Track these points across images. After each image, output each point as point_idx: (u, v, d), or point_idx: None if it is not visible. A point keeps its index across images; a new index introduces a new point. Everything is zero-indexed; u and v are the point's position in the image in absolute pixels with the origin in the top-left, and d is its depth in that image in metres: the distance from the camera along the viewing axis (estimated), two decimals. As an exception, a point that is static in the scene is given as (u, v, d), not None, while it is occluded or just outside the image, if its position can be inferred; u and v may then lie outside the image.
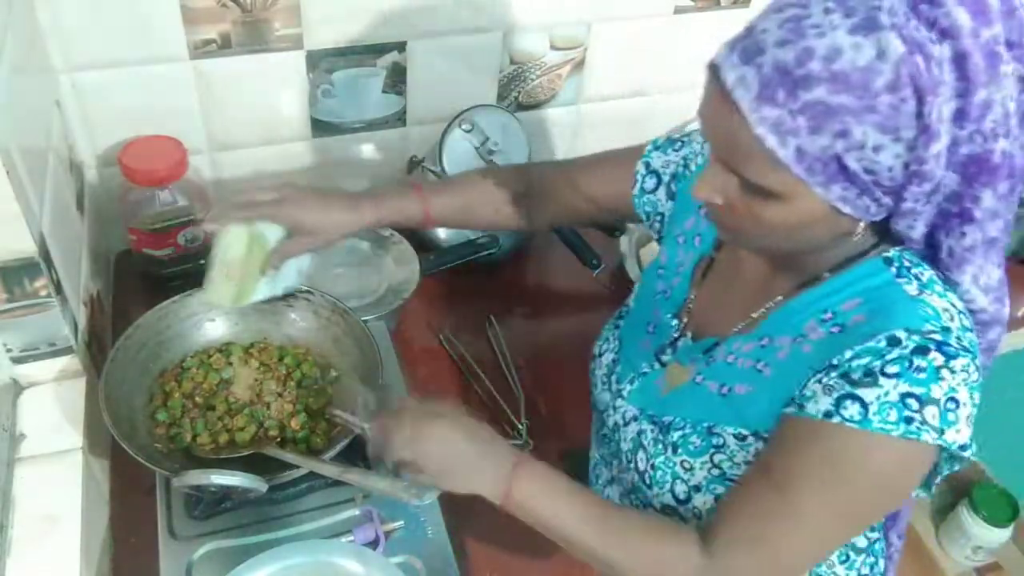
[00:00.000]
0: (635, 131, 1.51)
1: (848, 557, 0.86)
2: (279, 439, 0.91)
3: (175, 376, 0.97)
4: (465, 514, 0.98)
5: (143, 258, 1.25)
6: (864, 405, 0.67)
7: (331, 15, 1.21)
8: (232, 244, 0.89)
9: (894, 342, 0.68)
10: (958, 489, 1.60)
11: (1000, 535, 1.51)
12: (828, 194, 0.65)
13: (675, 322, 0.90)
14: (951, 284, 0.73)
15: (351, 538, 0.87)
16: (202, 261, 1.26)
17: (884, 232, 0.74)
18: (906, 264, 0.73)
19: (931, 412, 0.66)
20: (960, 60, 0.61)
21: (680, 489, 0.81)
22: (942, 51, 0.60)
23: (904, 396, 0.66)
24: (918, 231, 0.71)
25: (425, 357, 1.22)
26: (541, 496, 0.76)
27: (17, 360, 0.94)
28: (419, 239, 1.32)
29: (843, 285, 0.75)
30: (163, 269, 1.25)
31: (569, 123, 1.53)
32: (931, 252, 0.73)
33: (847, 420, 0.67)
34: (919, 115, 0.61)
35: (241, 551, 0.84)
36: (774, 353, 0.77)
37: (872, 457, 0.67)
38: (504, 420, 1.13)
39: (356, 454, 0.94)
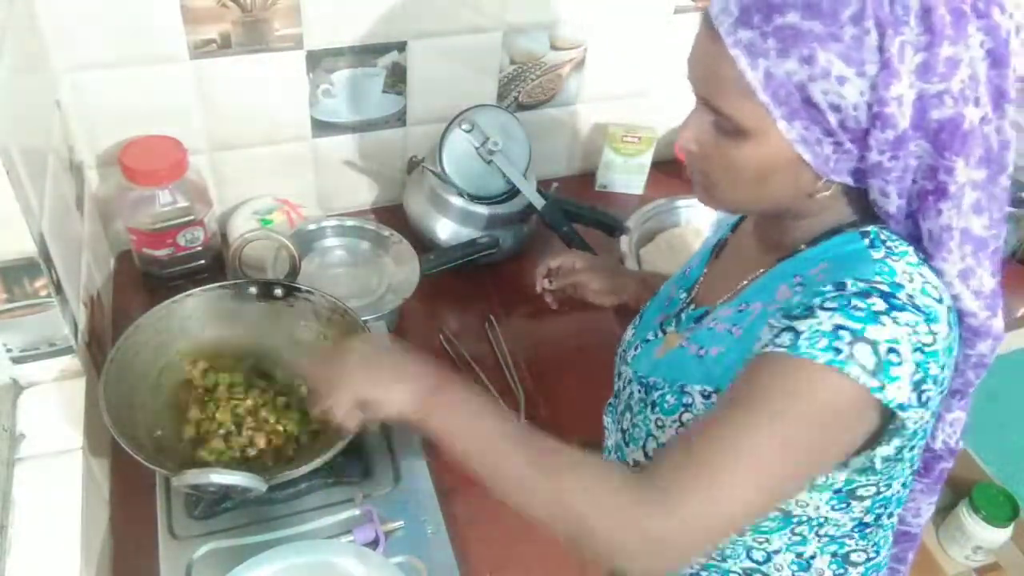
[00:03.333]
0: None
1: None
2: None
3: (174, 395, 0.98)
4: (466, 514, 0.98)
5: (143, 258, 1.25)
6: (797, 333, 0.67)
7: (331, 15, 1.21)
8: None
9: (839, 286, 0.68)
10: (958, 489, 1.60)
11: (1000, 535, 1.51)
12: (791, 131, 0.68)
13: (683, 295, 0.94)
14: (936, 274, 0.72)
15: (351, 538, 0.87)
16: (202, 261, 1.27)
17: (868, 215, 0.75)
18: (881, 238, 0.73)
19: (863, 350, 0.65)
20: (926, 12, 0.63)
21: (651, 446, 0.84)
22: (908, 0, 0.63)
23: (837, 327, 0.65)
24: (893, 203, 0.70)
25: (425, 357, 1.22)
26: (462, 404, 0.74)
27: (17, 360, 0.94)
28: (419, 239, 1.32)
29: (816, 254, 0.76)
30: (163, 269, 1.25)
31: (569, 123, 1.53)
32: (919, 245, 0.73)
33: (778, 347, 0.67)
34: (880, 50, 0.63)
35: (241, 551, 0.84)
36: (747, 317, 0.79)
37: (799, 382, 0.66)
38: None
39: (354, 463, 0.94)
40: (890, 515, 0.85)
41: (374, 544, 0.86)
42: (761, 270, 0.82)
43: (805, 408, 0.66)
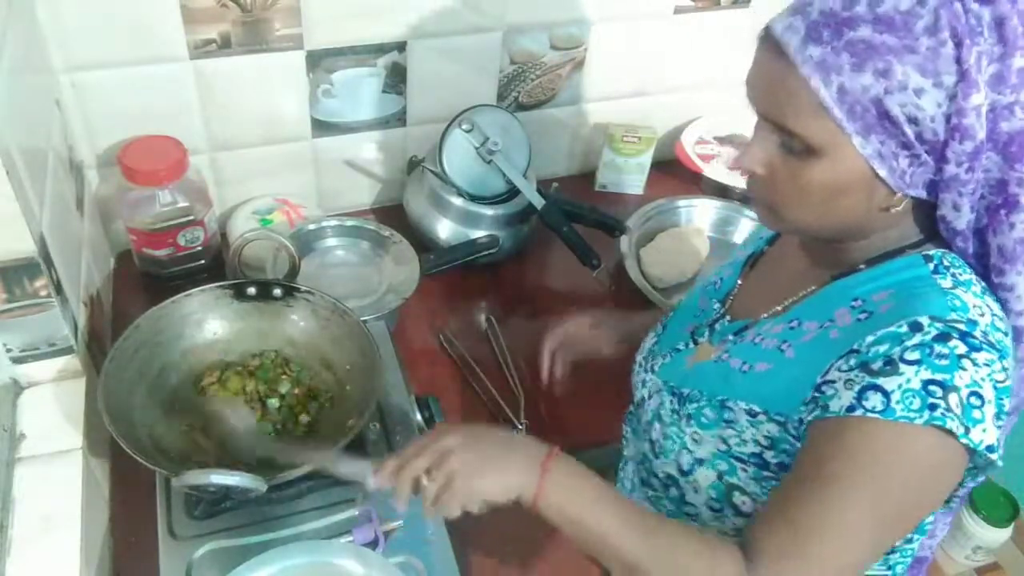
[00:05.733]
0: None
1: None
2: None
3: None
4: (466, 514, 0.98)
5: (143, 258, 1.25)
6: (886, 395, 0.65)
7: (331, 15, 1.21)
8: None
9: (916, 328, 0.67)
10: (958, 489, 1.60)
11: (1000, 535, 1.51)
12: (866, 146, 0.66)
13: (717, 306, 0.92)
14: (1003, 290, 0.72)
15: (351, 538, 0.87)
16: (202, 261, 1.27)
17: (931, 234, 0.74)
18: (945, 263, 0.72)
19: (954, 400, 0.64)
20: (999, 23, 0.63)
21: (685, 460, 0.82)
22: (981, 10, 0.63)
23: (926, 383, 0.65)
24: (964, 217, 0.70)
25: (425, 357, 1.22)
26: (577, 490, 0.70)
27: (17, 360, 0.94)
28: (419, 239, 1.32)
29: (878, 276, 0.75)
30: (163, 269, 1.25)
31: (569, 123, 1.53)
32: (982, 263, 0.73)
33: (869, 411, 0.66)
34: (958, 60, 0.63)
35: (241, 551, 0.84)
36: (800, 336, 0.77)
37: (901, 448, 0.65)
38: (504, 420, 1.13)
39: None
40: (909, 540, 0.83)
41: (374, 544, 0.86)
42: (813, 287, 0.80)
43: (909, 472, 0.66)
